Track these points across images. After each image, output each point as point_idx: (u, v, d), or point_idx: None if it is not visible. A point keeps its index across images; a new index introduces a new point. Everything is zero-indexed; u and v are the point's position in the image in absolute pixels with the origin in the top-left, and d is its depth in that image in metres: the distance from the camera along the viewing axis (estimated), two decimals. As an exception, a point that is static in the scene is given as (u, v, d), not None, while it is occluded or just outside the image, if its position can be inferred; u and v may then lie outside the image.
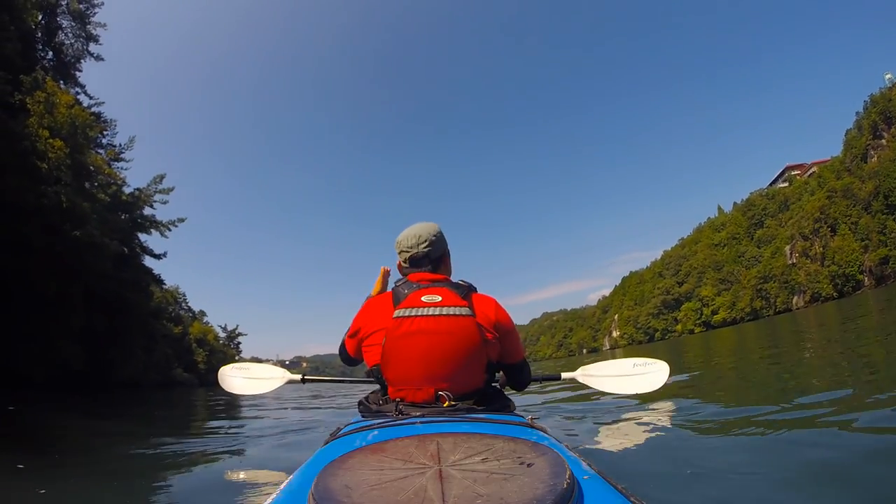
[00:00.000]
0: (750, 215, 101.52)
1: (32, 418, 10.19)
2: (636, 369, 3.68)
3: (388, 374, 1.86)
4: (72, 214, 19.35)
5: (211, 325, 65.43)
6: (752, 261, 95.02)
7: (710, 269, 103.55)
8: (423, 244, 2.05)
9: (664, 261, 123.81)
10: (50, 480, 3.66)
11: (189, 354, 54.82)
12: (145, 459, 4.82)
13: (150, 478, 3.89)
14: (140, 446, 5.62)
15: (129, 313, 26.01)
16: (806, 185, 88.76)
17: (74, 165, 21.18)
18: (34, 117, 19.11)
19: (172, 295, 57.44)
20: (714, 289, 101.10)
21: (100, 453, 5.45)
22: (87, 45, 29.29)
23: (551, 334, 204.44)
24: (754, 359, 10.58)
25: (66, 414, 11.76)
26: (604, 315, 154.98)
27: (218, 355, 61.71)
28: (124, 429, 8.46)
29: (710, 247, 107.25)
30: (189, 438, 6.49)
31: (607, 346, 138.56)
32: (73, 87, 28.87)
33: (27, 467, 4.13)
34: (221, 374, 4.06)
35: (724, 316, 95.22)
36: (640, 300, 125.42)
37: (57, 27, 27.88)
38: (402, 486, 0.86)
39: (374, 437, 1.37)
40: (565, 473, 0.90)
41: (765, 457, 2.74)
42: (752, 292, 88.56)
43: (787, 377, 6.46)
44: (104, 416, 11.33)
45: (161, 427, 8.68)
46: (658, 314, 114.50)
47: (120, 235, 23.08)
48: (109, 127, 30.15)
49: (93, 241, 19.97)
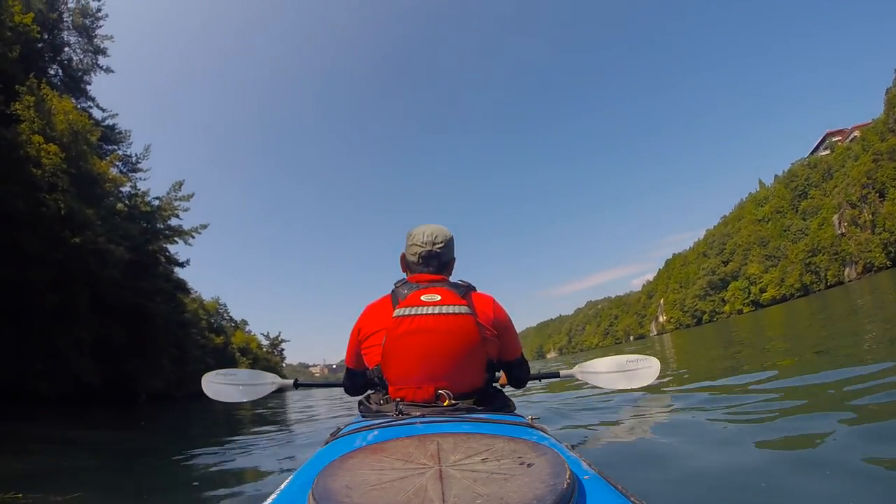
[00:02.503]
0: (793, 187, 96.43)
1: (29, 432, 9.79)
2: (629, 365, 3.72)
3: (388, 373, 1.82)
4: (71, 221, 18.11)
5: (254, 334, 65.21)
6: (799, 234, 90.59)
7: (755, 246, 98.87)
8: (438, 244, 2.02)
9: (707, 240, 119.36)
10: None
11: (232, 364, 54.51)
12: (137, 464, 4.73)
13: (144, 479, 3.87)
14: (134, 454, 5.54)
15: (151, 324, 24.77)
16: (849, 150, 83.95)
17: (79, 173, 20.15)
18: (25, 122, 17.91)
19: (213, 306, 57.35)
20: (761, 266, 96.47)
21: (81, 460, 5.33)
22: (95, 59, 28.69)
23: (597, 323, 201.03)
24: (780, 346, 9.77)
25: (62, 428, 11.02)
26: (649, 300, 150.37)
27: (262, 363, 61.67)
28: (123, 438, 8.36)
29: (754, 222, 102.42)
30: (192, 444, 6.03)
31: (654, 331, 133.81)
32: (85, 101, 28.25)
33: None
34: (204, 382, 3.85)
35: (773, 293, 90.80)
36: (685, 283, 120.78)
37: (63, 43, 27.24)
38: (403, 486, 0.85)
39: (375, 437, 1.35)
40: (565, 473, 0.88)
41: (766, 457, 2.58)
42: (800, 267, 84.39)
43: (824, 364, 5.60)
44: (112, 427, 11.25)
45: (163, 435, 8.58)
46: (704, 296, 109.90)
47: (131, 243, 21.83)
48: (124, 138, 29.37)
49: (97, 248, 18.69)
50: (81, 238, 18.07)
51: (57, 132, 19.53)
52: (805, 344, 8.99)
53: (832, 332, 10.34)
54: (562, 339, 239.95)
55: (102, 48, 28.50)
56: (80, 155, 20.54)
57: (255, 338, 65.09)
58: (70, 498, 3.17)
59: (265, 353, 66.06)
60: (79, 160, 20.50)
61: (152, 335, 25.26)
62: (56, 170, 18.04)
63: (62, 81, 26.87)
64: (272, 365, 66.91)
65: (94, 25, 27.88)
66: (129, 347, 23.50)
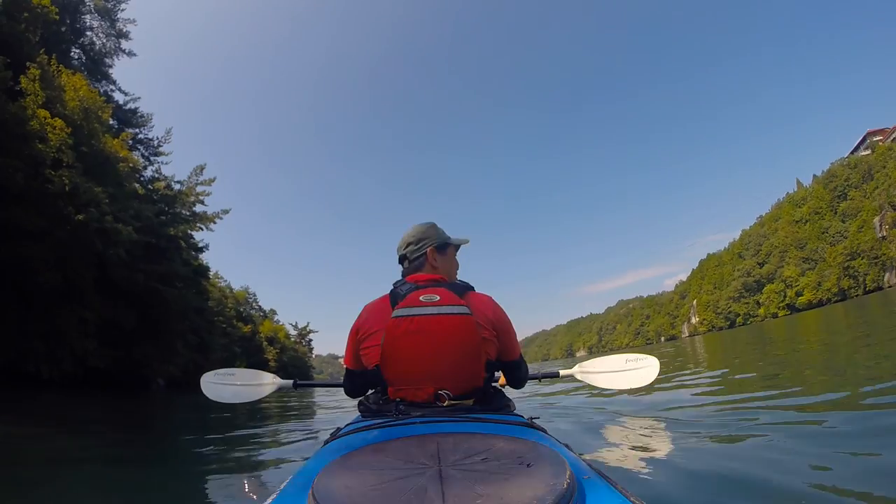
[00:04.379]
0: (832, 187, 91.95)
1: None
2: (629, 364, 3.56)
3: (387, 374, 1.76)
4: (77, 198, 17.17)
5: (282, 324, 64.82)
6: (838, 236, 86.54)
7: (792, 248, 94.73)
8: (416, 246, 2.02)
9: (743, 241, 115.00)
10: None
11: (259, 353, 54.22)
12: (131, 457, 4.53)
13: (141, 477, 3.68)
14: (125, 444, 5.39)
15: (164, 308, 23.78)
16: (890, 150, 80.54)
17: (90, 150, 19.27)
18: (30, 96, 16.98)
19: (242, 295, 57.08)
20: (797, 268, 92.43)
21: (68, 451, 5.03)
22: (118, 43, 28.03)
23: (627, 322, 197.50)
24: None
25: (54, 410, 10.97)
26: (682, 301, 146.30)
27: (289, 353, 61.36)
28: (124, 427, 7.88)
29: (791, 223, 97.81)
30: (191, 442, 5.96)
31: (686, 332, 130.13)
32: (107, 85, 27.74)
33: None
34: (203, 382, 3.64)
35: (810, 297, 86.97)
36: (719, 284, 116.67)
37: (84, 27, 26.64)
38: (403, 486, 0.84)
39: (375, 437, 1.33)
40: (565, 473, 0.87)
41: (767, 458, 2.60)
42: (838, 271, 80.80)
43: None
44: (120, 412, 11.03)
45: (163, 427, 8.07)
46: (739, 298, 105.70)
47: (144, 224, 20.88)
48: (146, 122, 28.66)
49: (103, 227, 17.67)
50: (85, 215, 17.08)
51: (68, 109, 18.77)
52: (841, 356, 8.10)
53: (873, 340, 9.58)
54: (592, 337, 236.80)
55: (125, 32, 27.88)
56: (92, 132, 19.71)
57: (284, 328, 64.76)
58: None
59: (293, 343, 65.69)
60: (90, 138, 19.69)
61: (166, 320, 24.25)
62: (62, 145, 17.16)
63: (84, 65, 26.29)
64: (300, 355, 66.71)
65: (116, 9, 27.27)
66: (141, 332, 22.53)
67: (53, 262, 16.93)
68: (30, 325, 16.90)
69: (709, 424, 3.71)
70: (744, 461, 2.55)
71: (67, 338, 17.78)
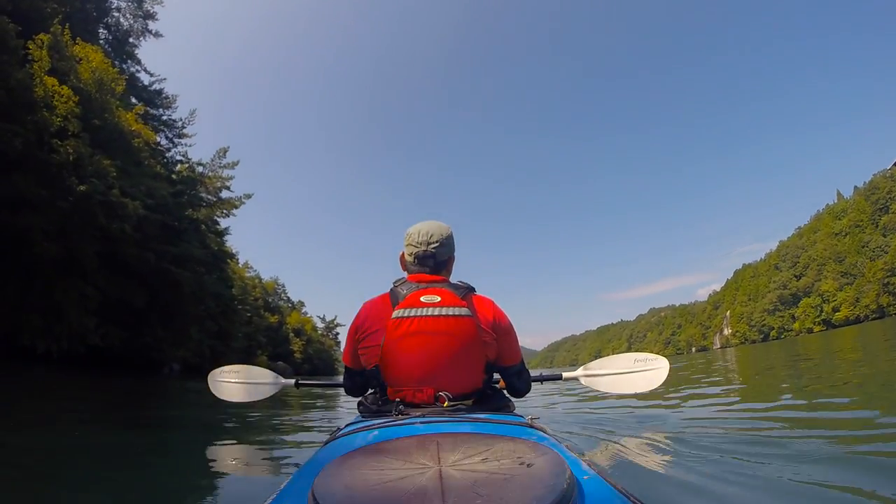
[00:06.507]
0: (874, 200, 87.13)
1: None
2: (637, 365, 3.34)
3: (387, 374, 1.70)
4: (82, 169, 16.12)
5: (309, 316, 64.12)
6: (878, 251, 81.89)
7: (830, 261, 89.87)
8: (433, 244, 1.85)
9: (780, 252, 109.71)
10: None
11: (285, 343, 53.54)
12: (125, 452, 3.97)
13: (139, 475, 3.16)
14: (123, 435, 4.85)
15: (177, 291, 22.64)
16: (937, 163, 75.90)
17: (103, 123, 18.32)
18: (37, 63, 16.00)
19: (271, 285, 56.46)
20: (835, 283, 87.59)
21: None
22: (145, 24, 27.33)
23: (658, 331, 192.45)
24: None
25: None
26: (714, 311, 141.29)
27: (315, 345, 60.54)
28: (124, 415, 6.99)
29: (831, 236, 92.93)
30: (190, 440, 5.13)
31: (718, 344, 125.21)
32: (133, 65, 27.08)
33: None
34: (211, 379, 3.63)
35: (847, 313, 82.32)
36: (754, 295, 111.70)
37: (109, 7, 25.95)
38: (402, 486, 0.82)
39: (374, 437, 1.30)
40: (565, 474, 0.85)
41: (767, 460, 2.48)
42: (878, 287, 76.36)
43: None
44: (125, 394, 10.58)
45: (161, 417, 7.39)
46: (774, 311, 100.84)
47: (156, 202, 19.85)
48: (171, 103, 27.87)
49: (107, 200, 16.59)
50: (88, 186, 16.00)
51: (82, 81, 17.85)
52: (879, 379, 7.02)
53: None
54: (622, 344, 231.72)
55: (152, 12, 27.21)
56: (105, 105, 18.75)
57: (311, 320, 64.06)
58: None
59: (319, 336, 64.92)
60: (103, 111, 18.74)
61: (179, 303, 23.09)
62: (69, 114, 16.16)
63: (109, 44, 25.61)
64: (326, 348, 65.93)
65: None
66: (151, 313, 21.45)
67: (54, 234, 15.84)
68: (26, 298, 15.81)
69: (716, 429, 3.58)
70: (748, 464, 2.41)
71: (66, 314, 16.66)
